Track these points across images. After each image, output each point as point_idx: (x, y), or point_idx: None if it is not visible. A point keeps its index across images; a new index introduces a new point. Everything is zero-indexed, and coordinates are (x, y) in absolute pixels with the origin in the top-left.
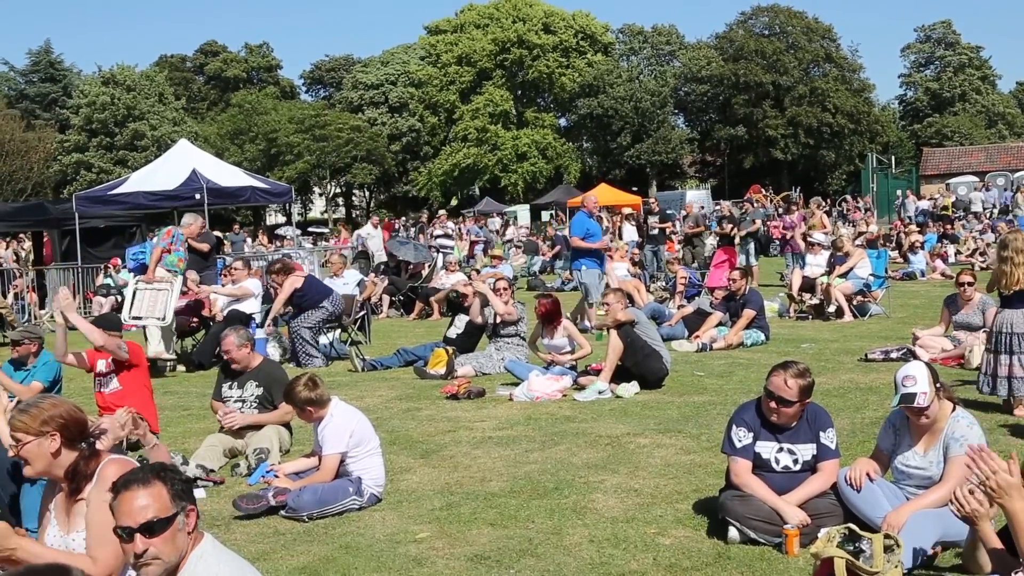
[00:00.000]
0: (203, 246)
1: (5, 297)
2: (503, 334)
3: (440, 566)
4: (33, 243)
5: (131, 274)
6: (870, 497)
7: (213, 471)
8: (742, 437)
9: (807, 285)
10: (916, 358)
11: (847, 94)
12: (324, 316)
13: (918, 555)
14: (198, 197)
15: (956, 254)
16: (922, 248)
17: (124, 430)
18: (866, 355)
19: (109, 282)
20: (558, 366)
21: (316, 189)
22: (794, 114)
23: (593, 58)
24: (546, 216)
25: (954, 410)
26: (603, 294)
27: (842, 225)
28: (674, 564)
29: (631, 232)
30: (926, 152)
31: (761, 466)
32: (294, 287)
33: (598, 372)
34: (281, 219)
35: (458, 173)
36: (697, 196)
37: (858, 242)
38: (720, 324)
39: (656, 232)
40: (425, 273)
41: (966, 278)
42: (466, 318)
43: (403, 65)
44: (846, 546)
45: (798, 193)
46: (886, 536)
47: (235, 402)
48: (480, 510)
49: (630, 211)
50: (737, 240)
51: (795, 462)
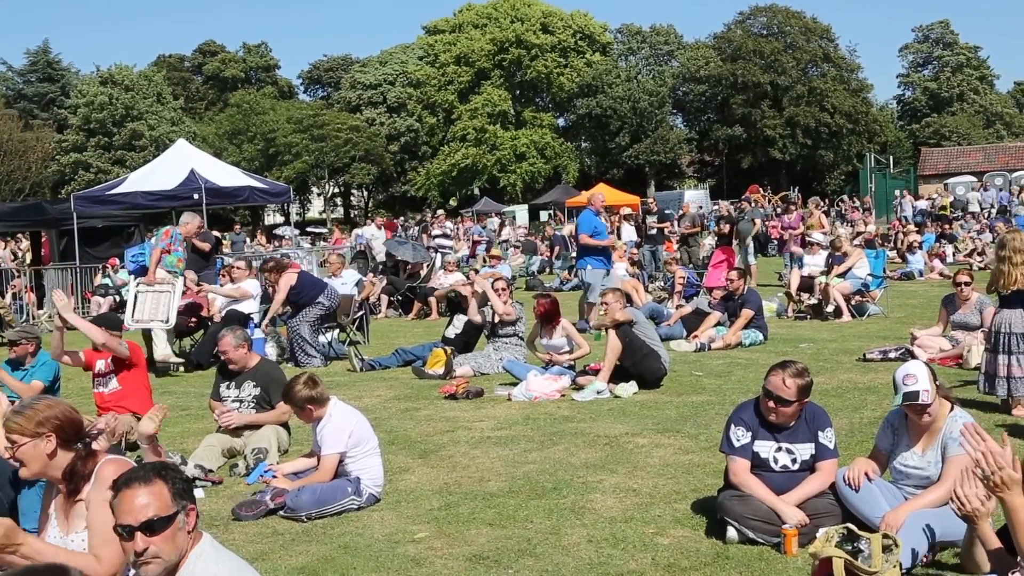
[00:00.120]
0: (204, 245)
1: (3, 297)
2: (501, 334)
3: (439, 566)
4: (31, 243)
5: (131, 276)
6: (868, 497)
7: (211, 471)
8: (740, 436)
9: (805, 285)
10: (914, 358)
11: (845, 94)
12: (322, 312)
13: (916, 555)
14: (196, 197)
15: (954, 254)
16: (920, 248)
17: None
18: (864, 355)
19: (107, 282)
20: (556, 366)
21: (314, 189)
22: (792, 114)
23: (591, 58)
24: (544, 216)
25: (952, 410)
26: (601, 293)
27: (840, 225)
28: (673, 564)
29: (630, 232)
30: (924, 152)
31: (759, 465)
32: (290, 284)
33: (596, 372)
34: (279, 219)
35: (456, 173)
36: (695, 196)
37: (856, 242)
38: (718, 324)
39: (654, 232)
40: (423, 273)
41: (963, 278)
42: (464, 318)
43: (401, 65)
44: (844, 546)
45: (796, 193)
46: (884, 536)
47: (233, 402)
48: (478, 510)
49: (629, 211)
50: (736, 240)
51: (793, 461)
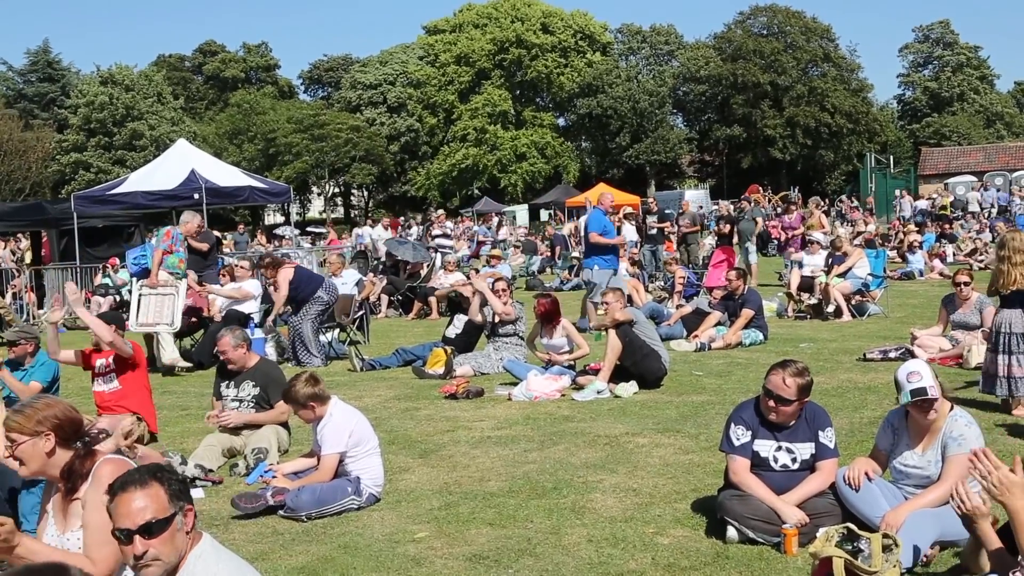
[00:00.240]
0: (202, 245)
1: (3, 297)
2: (501, 334)
3: (439, 566)
4: (31, 243)
5: (134, 279)
6: (868, 497)
7: (211, 471)
8: (740, 435)
9: (806, 285)
10: (914, 357)
11: (845, 94)
12: (322, 307)
13: (917, 555)
14: (196, 197)
15: (954, 254)
16: (920, 248)
17: (127, 439)
18: (864, 355)
19: (107, 282)
20: (556, 366)
21: (315, 189)
22: (792, 114)
23: (592, 58)
24: (545, 216)
25: (952, 409)
26: (602, 293)
27: (840, 225)
28: (673, 564)
29: (630, 232)
30: (924, 152)
31: (760, 464)
32: (288, 280)
33: (596, 372)
34: (279, 219)
35: (457, 173)
36: (695, 196)
37: (856, 242)
38: (719, 324)
39: (655, 232)
40: (423, 273)
41: (962, 278)
42: (465, 318)
43: (402, 65)
44: (844, 545)
45: (796, 193)
46: (884, 536)
47: (232, 402)
48: (479, 510)
49: (629, 210)
50: (736, 240)
51: (793, 461)
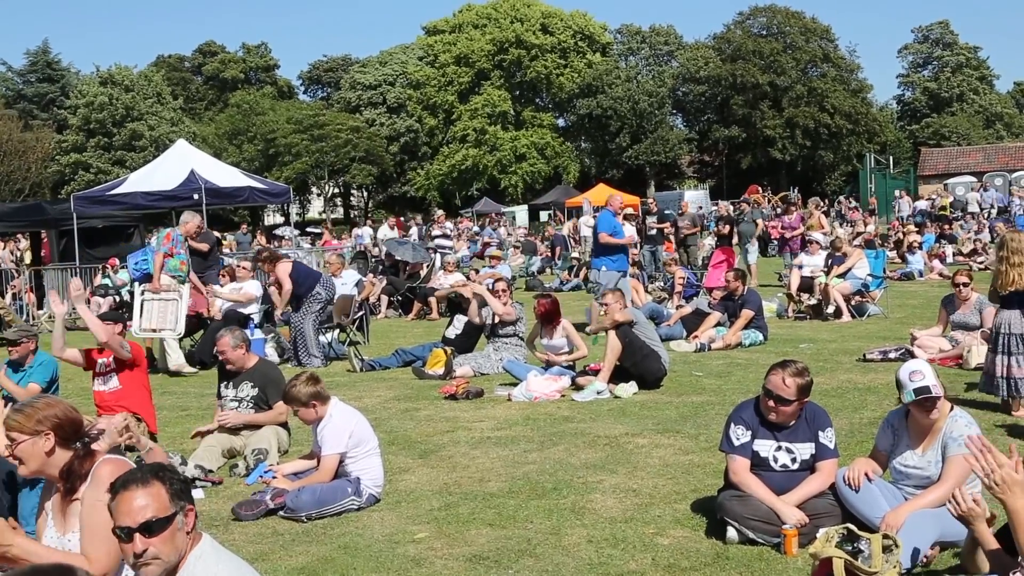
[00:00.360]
0: (202, 246)
1: (3, 297)
2: (501, 334)
3: (439, 566)
4: (31, 243)
5: (136, 284)
6: (868, 497)
7: (212, 471)
8: (740, 435)
9: (805, 285)
10: (914, 358)
11: (845, 94)
12: (321, 304)
13: (916, 555)
14: (196, 197)
15: (954, 254)
16: (920, 248)
17: (122, 436)
18: (864, 355)
19: (107, 282)
20: (556, 366)
21: (314, 189)
22: (792, 114)
23: (591, 58)
24: (544, 216)
25: (952, 410)
26: (601, 294)
27: (840, 225)
28: (672, 564)
29: (630, 232)
30: (924, 152)
31: (759, 464)
32: (288, 272)
33: (596, 372)
34: (279, 219)
35: (457, 174)
36: (695, 196)
37: (856, 242)
38: (718, 324)
39: (654, 232)
40: (423, 273)
41: (962, 279)
42: (465, 318)
43: (401, 65)
44: (844, 546)
45: (796, 193)
46: (884, 536)
47: (231, 402)
48: (478, 510)
49: (631, 211)
50: (736, 241)
51: (793, 461)
